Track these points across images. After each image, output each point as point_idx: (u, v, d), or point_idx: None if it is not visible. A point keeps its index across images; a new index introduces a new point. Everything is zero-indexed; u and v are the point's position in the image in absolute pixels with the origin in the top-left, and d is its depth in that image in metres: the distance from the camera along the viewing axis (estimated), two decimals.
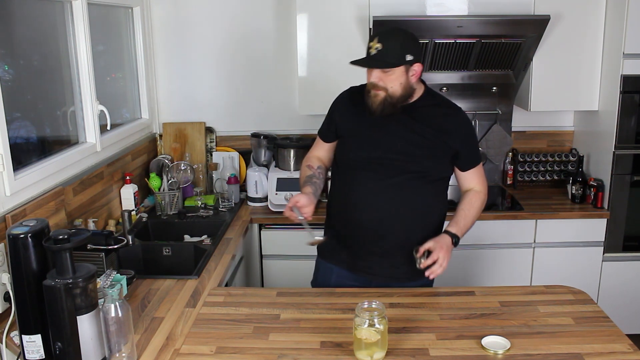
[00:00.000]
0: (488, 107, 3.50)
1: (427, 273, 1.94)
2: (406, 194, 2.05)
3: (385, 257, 2.11)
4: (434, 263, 1.95)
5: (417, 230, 2.08)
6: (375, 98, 1.97)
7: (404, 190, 2.05)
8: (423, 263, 1.95)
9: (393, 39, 1.93)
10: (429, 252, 1.96)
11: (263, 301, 1.98)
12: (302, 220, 2.01)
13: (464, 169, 2.12)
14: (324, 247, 2.23)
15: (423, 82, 2.10)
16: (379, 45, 1.92)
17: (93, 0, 2.70)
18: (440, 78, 3.36)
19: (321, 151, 2.27)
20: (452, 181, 2.18)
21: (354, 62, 1.97)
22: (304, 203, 2.02)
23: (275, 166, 3.31)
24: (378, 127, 2.05)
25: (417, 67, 1.98)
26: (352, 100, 2.15)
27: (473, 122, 3.52)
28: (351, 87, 2.21)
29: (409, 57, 1.94)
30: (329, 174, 2.39)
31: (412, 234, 2.07)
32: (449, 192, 3.42)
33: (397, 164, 2.03)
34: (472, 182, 2.15)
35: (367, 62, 1.96)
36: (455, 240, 2.05)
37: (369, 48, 1.95)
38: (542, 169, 3.56)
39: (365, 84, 2.05)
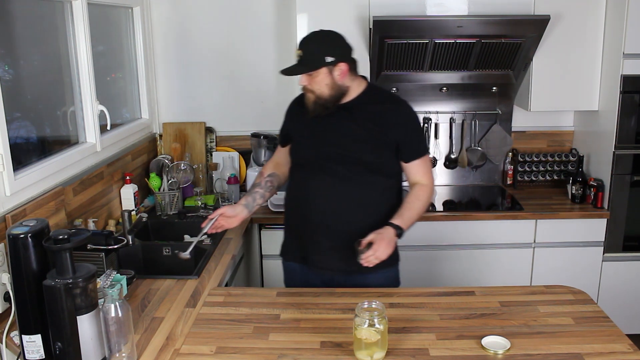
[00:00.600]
0: (488, 107, 3.50)
1: (362, 260, 1.94)
2: (351, 188, 2.11)
3: (336, 251, 2.15)
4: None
5: (364, 224, 2.09)
6: (308, 100, 2.08)
7: (349, 185, 2.10)
8: (365, 254, 1.94)
9: (311, 44, 2.05)
10: (370, 245, 1.97)
11: (263, 301, 1.99)
12: (203, 230, 2.18)
13: (407, 160, 2.15)
14: (284, 246, 2.32)
15: (365, 78, 2.17)
16: (300, 52, 2.03)
17: (93, 0, 2.70)
18: (440, 78, 3.36)
19: (280, 155, 2.37)
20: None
21: (281, 71, 2.07)
22: (229, 214, 2.20)
23: None
24: (321, 126, 2.13)
25: (342, 67, 2.04)
26: (299, 104, 2.23)
27: (473, 122, 3.52)
28: (298, 95, 2.29)
29: (329, 59, 2.01)
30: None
31: (360, 228, 2.08)
32: (446, 192, 3.42)
33: (341, 160, 2.09)
34: (417, 174, 2.17)
35: (288, 69, 2.04)
36: (399, 232, 2.04)
37: (296, 56, 2.04)
38: (542, 169, 3.55)
39: None
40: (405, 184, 2.22)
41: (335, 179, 2.10)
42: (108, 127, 2.75)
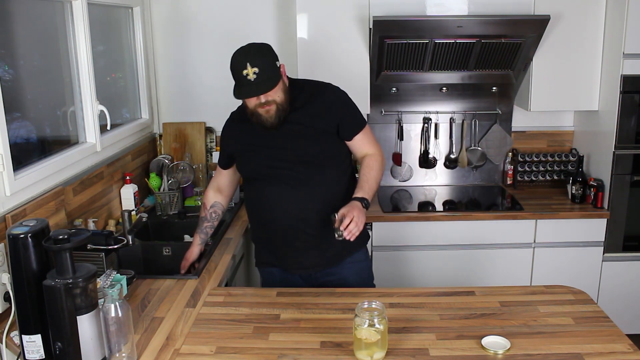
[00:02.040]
0: (488, 107, 3.50)
1: (345, 234, 1.94)
2: (308, 185, 2.12)
3: (310, 249, 2.18)
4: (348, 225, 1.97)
5: (326, 214, 2.11)
6: (268, 114, 2.03)
7: (306, 183, 2.11)
8: (342, 225, 1.94)
9: (259, 57, 1.99)
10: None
11: (263, 301, 1.99)
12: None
13: (349, 138, 2.17)
14: (257, 256, 2.36)
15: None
16: (255, 69, 1.96)
17: (93, 0, 2.70)
18: (440, 78, 3.36)
19: (220, 178, 2.42)
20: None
21: (241, 97, 2.03)
22: (193, 258, 2.39)
23: None
24: (262, 135, 2.13)
25: (283, 67, 2.08)
26: (234, 123, 2.26)
27: (473, 122, 3.52)
28: (231, 113, 2.33)
29: (278, 64, 2.03)
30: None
31: (324, 219, 2.12)
32: (446, 192, 3.42)
33: (292, 162, 2.11)
34: (363, 147, 2.19)
35: (255, 90, 1.99)
36: (365, 203, 2.07)
37: (245, 75, 1.97)
38: (542, 169, 3.55)
39: (243, 105, 2.15)
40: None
41: (292, 181, 2.11)
42: (108, 127, 2.75)
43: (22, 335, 1.57)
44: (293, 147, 2.11)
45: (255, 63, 1.97)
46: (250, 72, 1.96)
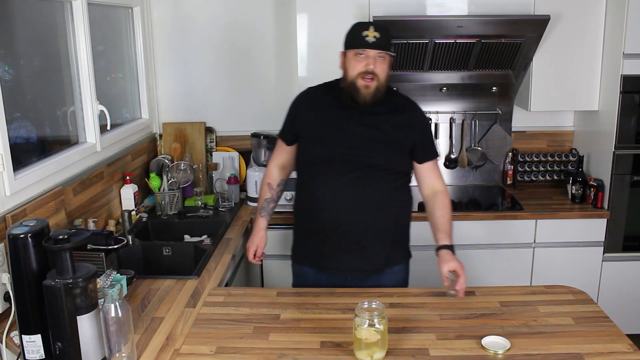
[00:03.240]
0: (488, 107, 3.50)
1: (460, 295, 1.95)
2: (367, 187, 2.09)
3: (354, 252, 2.15)
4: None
5: (380, 222, 2.13)
6: (367, 89, 2.02)
7: (365, 184, 2.09)
8: (459, 285, 1.95)
9: (385, 29, 2.02)
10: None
11: (263, 301, 1.99)
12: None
13: (421, 161, 2.17)
14: (295, 250, 2.31)
15: None
16: (376, 34, 1.99)
17: (93, 0, 2.70)
18: (440, 78, 3.36)
19: (284, 155, 2.31)
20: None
21: (357, 46, 2.01)
22: (261, 250, 2.31)
23: None
24: (338, 125, 2.11)
25: (391, 60, 2.08)
26: (312, 100, 2.20)
27: (473, 122, 3.53)
28: (308, 89, 2.26)
29: (392, 49, 2.05)
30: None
31: (377, 226, 2.13)
32: (451, 193, 3.41)
33: (357, 159, 2.08)
34: (431, 178, 2.19)
35: (373, 46, 1.99)
36: (453, 250, 2.07)
37: (365, 36, 1.99)
38: (542, 169, 3.56)
39: (326, 83, 2.17)
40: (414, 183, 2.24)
41: (350, 180, 2.08)
42: (108, 127, 2.75)
43: (22, 335, 1.57)
44: (365, 147, 2.08)
45: (378, 29, 2.00)
46: (371, 34, 1.98)
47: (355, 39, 2.02)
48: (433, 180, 2.19)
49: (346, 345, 1.68)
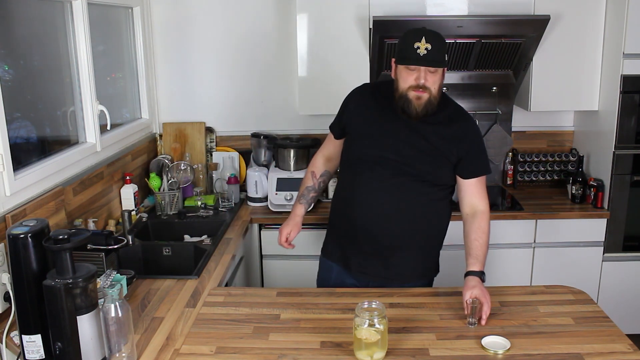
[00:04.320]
0: (488, 107, 3.50)
1: (483, 323, 1.81)
2: (404, 196, 2.05)
3: (378, 258, 2.13)
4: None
5: (411, 231, 2.09)
6: (419, 100, 1.95)
7: (403, 192, 2.05)
8: (484, 314, 1.81)
9: (438, 39, 1.93)
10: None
11: (263, 301, 1.99)
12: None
13: (465, 177, 2.07)
14: (326, 245, 2.28)
15: None
16: (428, 45, 1.90)
17: (93, 0, 2.70)
18: None
19: (331, 147, 2.31)
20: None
21: (406, 62, 1.93)
22: (294, 235, 2.28)
23: (275, 166, 3.31)
24: (385, 128, 2.06)
25: (445, 71, 2.00)
26: (365, 99, 2.15)
27: None
28: (364, 85, 2.22)
29: (446, 58, 1.96)
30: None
31: (406, 236, 2.09)
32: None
33: (399, 166, 2.03)
34: (474, 196, 2.07)
35: (423, 61, 1.91)
36: (483, 277, 1.95)
37: (416, 48, 1.90)
38: (542, 169, 3.56)
39: (381, 82, 2.12)
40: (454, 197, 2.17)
41: (388, 186, 2.05)
42: (108, 127, 2.75)
43: (22, 335, 1.57)
44: (408, 155, 2.03)
45: (430, 40, 1.90)
46: (423, 46, 1.89)
47: (406, 50, 1.92)
48: (474, 199, 2.06)
49: (346, 345, 1.68)
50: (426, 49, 1.89)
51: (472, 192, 2.07)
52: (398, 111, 2.01)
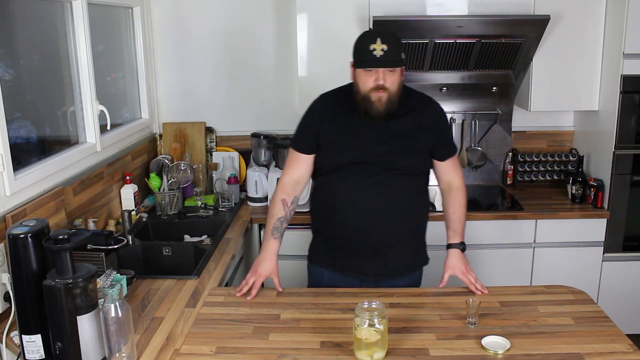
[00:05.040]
0: (488, 107, 3.50)
1: (478, 292, 2.01)
2: (389, 191, 2.08)
3: (375, 256, 2.14)
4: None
5: (402, 226, 2.13)
6: (379, 101, 1.98)
7: (387, 188, 2.08)
8: (475, 287, 2.02)
9: (393, 39, 1.96)
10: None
11: (263, 301, 1.98)
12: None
13: (442, 159, 2.16)
14: (313, 251, 2.28)
15: None
16: (384, 46, 1.93)
17: (93, 0, 2.70)
18: (440, 78, 3.36)
19: (301, 168, 2.15)
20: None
21: (367, 66, 1.95)
22: (276, 274, 2.08)
23: (275, 166, 3.30)
24: (358, 130, 2.08)
25: (403, 67, 2.05)
26: (329, 107, 2.14)
27: (473, 122, 3.52)
28: (323, 95, 2.19)
29: (403, 56, 2.00)
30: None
31: (398, 231, 2.12)
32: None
33: (378, 165, 2.06)
34: (450, 174, 2.19)
35: (381, 63, 1.93)
36: (463, 247, 2.11)
37: (372, 50, 1.93)
38: (542, 169, 3.56)
39: (338, 88, 2.13)
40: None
41: (371, 185, 2.06)
42: (108, 127, 2.75)
43: (22, 335, 1.57)
44: (385, 151, 2.05)
45: (386, 40, 1.93)
46: (379, 47, 1.92)
47: (362, 53, 1.96)
48: (450, 176, 2.19)
49: (346, 345, 1.68)
50: (382, 49, 1.93)
51: (447, 171, 2.19)
52: (362, 114, 2.03)
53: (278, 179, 3.12)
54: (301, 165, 2.15)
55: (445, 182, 2.20)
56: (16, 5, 2.24)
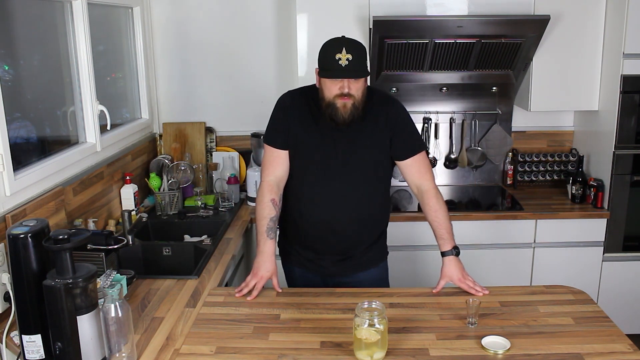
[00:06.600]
0: (488, 107, 3.50)
1: (478, 293, 2.01)
2: (349, 191, 2.11)
3: (332, 254, 2.18)
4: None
5: (372, 225, 2.18)
6: (344, 107, 1.99)
7: (347, 188, 2.10)
8: (476, 290, 2.01)
9: (358, 48, 1.97)
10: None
11: (263, 301, 1.99)
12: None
13: (401, 158, 2.13)
14: (283, 251, 2.32)
15: None
16: (349, 56, 1.93)
17: (93, 0, 2.70)
18: (440, 78, 3.35)
19: (281, 165, 2.14)
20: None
21: (332, 76, 1.97)
22: (276, 275, 2.08)
23: None
24: (325, 133, 2.09)
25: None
26: (298, 105, 2.14)
27: (473, 122, 3.52)
28: (291, 92, 2.20)
29: (368, 64, 2.04)
30: None
31: (368, 229, 2.17)
32: (446, 192, 3.42)
33: (345, 166, 2.09)
34: (417, 175, 2.13)
35: (346, 73, 1.95)
36: (457, 251, 2.09)
37: (338, 60, 1.94)
38: (542, 169, 3.56)
39: (304, 88, 2.16)
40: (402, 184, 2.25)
41: (333, 184, 2.10)
42: (108, 127, 2.75)
43: (22, 335, 1.57)
44: (346, 151, 2.08)
45: (350, 50, 1.94)
46: (344, 57, 1.93)
47: (328, 63, 1.95)
48: (416, 179, 2.14)
49: (346, 345, 1.68)
50: (347, 59, 1.93)
51: (412, 173, 2.14)
52: (327, 120, 2.04)
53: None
54: (282, 163, 2.15)
55: (415, 186, 2.15)
56: (16, 5, 2.24)
